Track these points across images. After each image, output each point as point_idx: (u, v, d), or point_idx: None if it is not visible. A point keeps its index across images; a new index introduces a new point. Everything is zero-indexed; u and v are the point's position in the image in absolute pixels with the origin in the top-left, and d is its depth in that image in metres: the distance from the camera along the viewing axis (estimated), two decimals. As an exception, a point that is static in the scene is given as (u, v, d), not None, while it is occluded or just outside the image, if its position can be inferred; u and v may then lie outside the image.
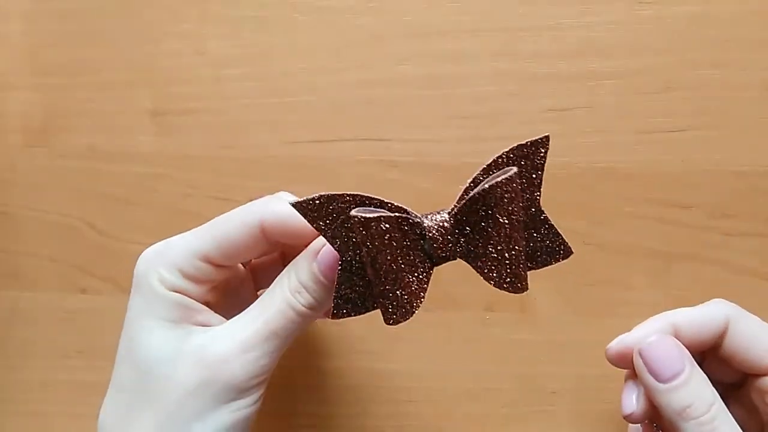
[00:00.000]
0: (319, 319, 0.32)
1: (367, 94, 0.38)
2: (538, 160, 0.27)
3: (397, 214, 0.25)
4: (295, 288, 0.28)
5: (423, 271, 0.26)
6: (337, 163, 0.38)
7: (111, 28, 0.39)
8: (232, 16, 0.38)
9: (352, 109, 0.38)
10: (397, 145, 0.38)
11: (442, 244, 0.26)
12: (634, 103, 0.37)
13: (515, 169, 0.25)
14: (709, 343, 0.30)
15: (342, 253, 0.26)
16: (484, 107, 0.37)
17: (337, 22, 0.38)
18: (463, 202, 0.26)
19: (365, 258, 0.26)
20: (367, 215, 0.25)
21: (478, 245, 0.26)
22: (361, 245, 0.26)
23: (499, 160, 0.26)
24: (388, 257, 0.25)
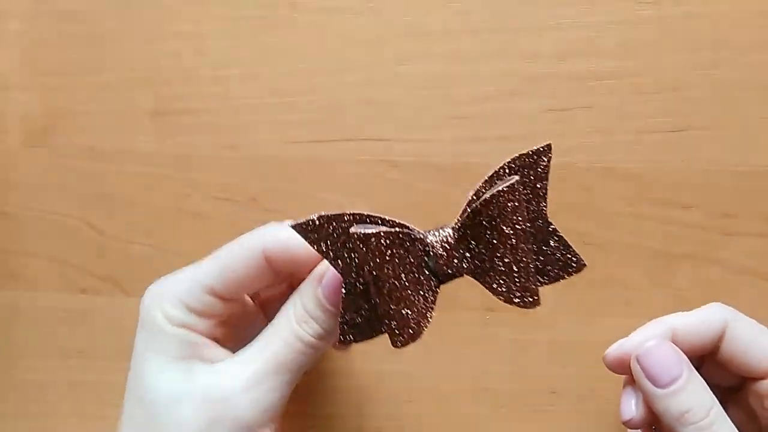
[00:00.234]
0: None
1: (367, 94, 0.38)
2: (542, 169, 0.26)
3: (397, 230, 0.25)
4: (300, 317, 0.27)
5: (429, 289, 0.26)
6: (337, 163, 0.38)
7: (111, 28, 0.39)
8: (232, 16, 0.38)
9: (352, 109, 0.38)
10: (397, 145, 0.38)
11: (448, 261, 0.25)
12: (634, 103, 0.37)
13: (517, 177, 0.25)
14: (707, 348, 0.30)
15: (345, 275, 0.26)
16: (484, 107, 0.37)
17: (337, 22, 0.38)
18: (466, 215, 0.25)
19: (368, 277, 0.25)
20: (367, 231, 0.24)
21: (484, 260, 0.25)
22: (362, 264, 0.25)
23: (501, 171, 0.26)
24: (391, 275, 0.24)
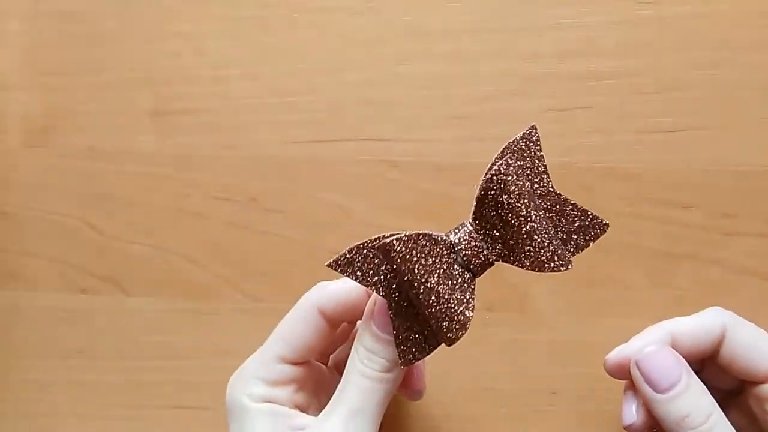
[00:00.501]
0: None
1: (367, 94, 0.38)
2: (534, 149, 0.27)
3: (416, 233, 0.25)
4: (363, 356, 0.28)
5: (464, 283, 0.26)
6: (337, 163, 0.38)
7: (111, 28, 0.39)
8: (232, 16, 0.38)
9: (352, 109, 0.38)
10: (397, 145, 0.38)
11: (475, 253, 0.26)
12: (634, 103, 0.37)
13: (508, 154, 0.26)
14: (707, 352, 0.30)
15: (387, 296, 0.26)
16: (484, 107, 0.37)
17: (337, 22, 0.38)
18: (476, 205, 0.26)
19: (405, 287, 0.26)
20: (389, 239, 0.25)
21: (507, 239, 0.26)
22: (396, 274, 0.26)
23: (496, 161, 0.26)
24: (423, 275, 0.25)
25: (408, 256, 0.25)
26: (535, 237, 0.26)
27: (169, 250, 0.38)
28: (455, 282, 0.26)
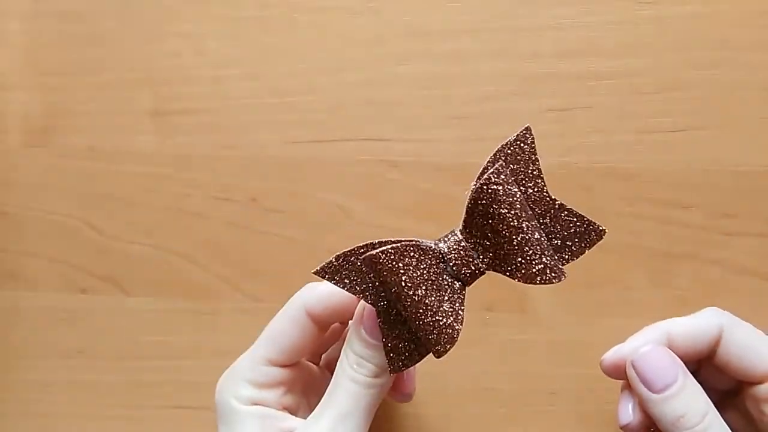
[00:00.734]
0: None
1: (367, 94, 0.38)
2: (528, 152, 0.26)
3: (404, 243, 0.25)
4: (353, 361, 0.28)
5: (453, 293, 0.26)
6: (337, 163, 0.38)
7: (111, 28, 0.39)
8: (232, 16, 0.38)
9: (352, 109, 0.38)
10: (397, 145, 0.38)
11: (466, 263, 0.26)
12: (634, 103, 0.37)
13: (500, 162, 0.25)
14: (704, 352, 0.30)
15: (375, 304, 0.26)
16: (484, 107, 0.37)
17: (337, 22, 0.38)
18: (466, 214, 0.25)
19: (392, 298, 0.25)
20: (374, 251, 0.25)
21: (497, 249, 0.26)
22: (383, 284, 0.25)
23: (489, 166, 0.26)
24: (410, 286, 0.25)
25: (394, 269, 0.25)
26: (527, 249, 0.25)
27: (169, 250, 0.38)
28: (444, 293, 0.26)
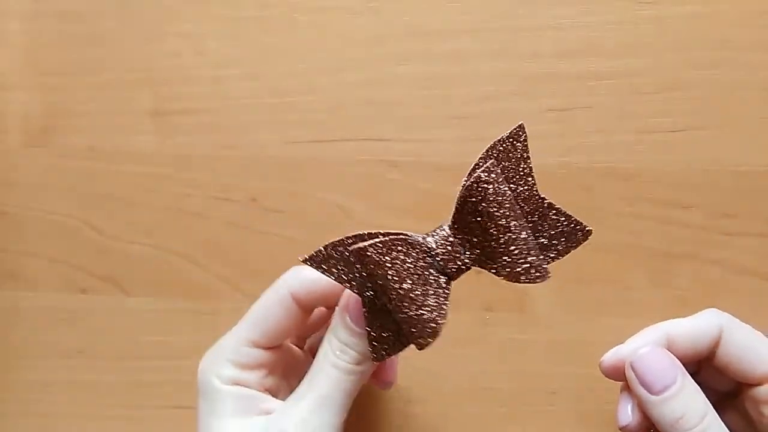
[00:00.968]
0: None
1: (367, 94, 0.38)
2: (520, 150, 0.26)
3: (392, 237, 0.25)
4: (336, 347, 0.28)
5: (438, 287, 0.26)
6: (337, 163, 0.38)
7: (111, 28, 0.39)
8: (232, 16, 0.38)
9: (352, 109, 0.38)
10: (397, 145, 0.38)
11: (452, 258, 0.26)
12: (634, 103, 0.37)
13: (491, 160, 0.25)
14: (703, 354, 0.30)
15: (361, 294, 0.26)
16: (484, 107, 0.37)
17: (337, 22, 0.38)
18: (455, 210, 0.26)
19: (378, 288, 0.26)
20: (362, 244, 0.25)
21: (484, 246, 0.26)
22: (369, 276, 0.26)
23: (481, 163, 0.26)
24: (397, 280, 0.25)
25: (382, 262, 0.25)
26: (513, 248, 0.25)
27: (169, 250, 0.38)
28: (429, 287, 0.26)
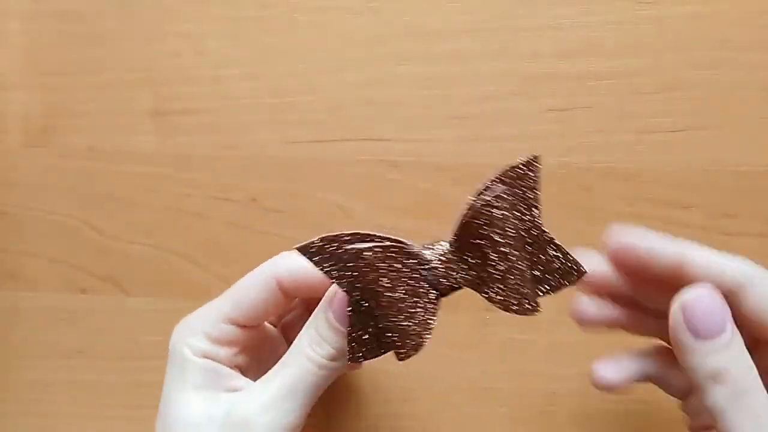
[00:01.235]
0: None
1: (367, 94, 0.38)
2: (531, 179, 0.26)
3: (389, 243, 0.25)
4: (313, 340, 0.28)
5: (428, 301, 0.26)
6: (337, 163, 0.38)
7: (111, 28, 0.39)
8: (232, 16, 0.38)
9: (352, 109, 0.38)
10: (397, 145, 0.38)
11: (446, 274, 0.26)
12: (634, 103, 0.37)
13: (503, 187, 0.25)
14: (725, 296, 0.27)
15: (349, 293, 0.26)
16: (484, 107, 0.37)
17: (337, 22, 0.38)
18: (458, 228, 0.26)
19: (368, 293, 0.26)
20: (360, 245, 0.25)
21: (480, 270, 0.26)
22: (360, 279, 0.26)
23: (491, 184, 0.26)
24: (388, 288, 0.25)
25: (376, 268, 0.25)
26: (509, 278, 0.25)
27: (169, 250, 0.38)
28: (419, 300, 0.26)
